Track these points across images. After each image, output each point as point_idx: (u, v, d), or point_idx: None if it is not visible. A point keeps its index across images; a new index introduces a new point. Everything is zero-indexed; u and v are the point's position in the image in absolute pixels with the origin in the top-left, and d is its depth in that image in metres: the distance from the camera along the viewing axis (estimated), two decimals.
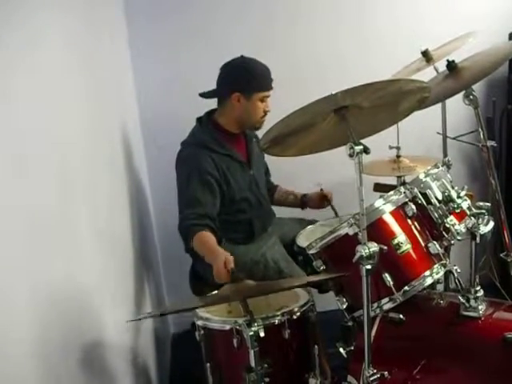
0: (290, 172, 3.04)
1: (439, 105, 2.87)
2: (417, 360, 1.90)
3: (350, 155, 1.64)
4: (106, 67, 2.44)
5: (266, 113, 2.60)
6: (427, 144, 3.36)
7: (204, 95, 2.65)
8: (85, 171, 1.80)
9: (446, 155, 3.07)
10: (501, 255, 2.39)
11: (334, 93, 1.62)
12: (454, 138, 3.22)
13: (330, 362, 2.34)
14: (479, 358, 1.86)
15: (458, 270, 1.99)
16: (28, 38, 1.38)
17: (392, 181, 2.98)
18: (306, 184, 3.02)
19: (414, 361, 1.90)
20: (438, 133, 3.19)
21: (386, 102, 1.79)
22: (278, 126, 1.73)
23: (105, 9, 2.63)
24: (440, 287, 2.40)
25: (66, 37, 1.76)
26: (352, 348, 2.05)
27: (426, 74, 2.50)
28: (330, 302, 2.20)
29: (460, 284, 2.62)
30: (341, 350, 2.06)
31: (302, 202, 2.98)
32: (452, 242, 1.96)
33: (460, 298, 1.96)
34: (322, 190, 2.92)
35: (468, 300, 1.94)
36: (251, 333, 1.64)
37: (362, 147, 1.63)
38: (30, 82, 1.38)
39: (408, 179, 2.94)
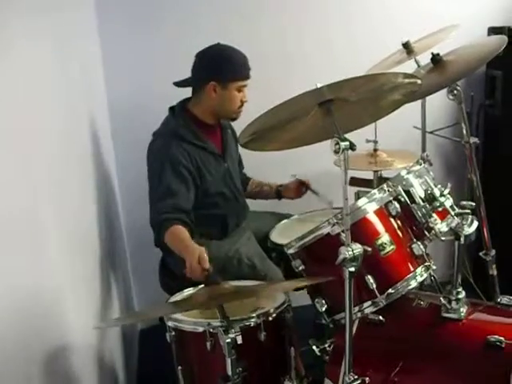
0: (261, 165, 2.92)
1: None
2: (396, 362, 1.85)
3: (336, 151, 1.55)
4: (74, 55, 2.31)
5: (243, 103, 2.50)
6: (403, 138, 3.31)
7: (178, 84, 2.53)
8: (51, 168, 1.69)
9: (424, 150, 3.02)
10: (480, 254, 2.35)
11: (319, 86, 1.53)
12: (431, 133, 3.18)
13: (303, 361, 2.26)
14: (460, 362, 1.82)
15: (434, 267, 1.93)
16: None
17: (368, 175, 2.92)
18: (276, 178, 2.96)
19: (393, 363, 1.85)
20: (415, 127, 3.14)
21: (372, 96, 1.72)
22: (259, 120, 1.65)
23: None
24: None
25: (33, 27, 1.65)
26: (326, 346, 1.99)
27: (405, 67, 2.43)
28: (301, 297, 2.14)
29: (436, 282, 2.61)
30: (314, 347, 1.99)
31: (278, 192, 2.89)
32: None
33: (441, 299, 1.91)
34: (296, 178, 2.84)
35: (449, 301, 1.90)
36: (228, 340, 1.55)
37: (348, 143, 1.54)
38: None
39: (385, 174, 2.91)
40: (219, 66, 2.44)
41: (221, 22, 3.14)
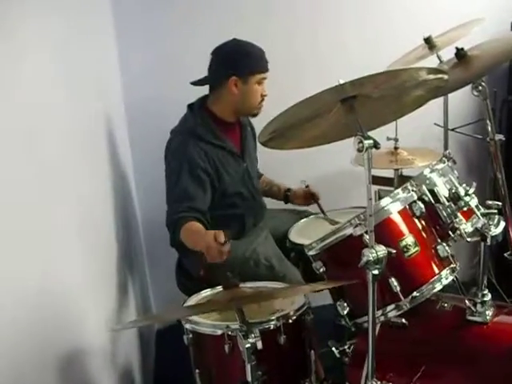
0: (274, 163, 2.87)
1: None
2: (418, 366, 1.80)
3: (359, 150, 1.50)
4: (87, 50, 2.28)
5: (263, 97, 2.46)
6: (423, 136, 3.26)
7: (196, 83, 2.49)
8: (64, 166, 1.66)
9: (446, 148, 2.95)
10: (505, 255, 2.28)
11: (341, 82, 1.48)
12: (452, 130, 3.11)
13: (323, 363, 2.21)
14: (486, 366, 1.77)
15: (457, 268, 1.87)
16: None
17: (388, 174, 2.86)
18: (289, 177, 2.91)
19: (415, 367, 1.80)
20: (437, 124, 3.08)
21: (395, 93, 1.66)
22: (279, 118, 1.60)
23: None
24: None
25: (44, 21, 1.62)
26: (346, 348, 1.94)
27: (427, 63, 2.37)
28: (320, 297, 2.09)
29: (458, 283, 2.55)
30: (333, 349, 1.95)
31: (286, 196, 2.85)
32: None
33: (466, 302, 1.86)
34: (307, 186, 2.78)
35: (475, 304, 1.85)
36: (248, 345, 1.50)
37: (371, 141, 1.49)
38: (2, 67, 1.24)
39: (405, 172, 2.85)
40: (238, 61, 2.40)
41: (237, 20, 3.10)
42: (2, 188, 1.18)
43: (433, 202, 1.81)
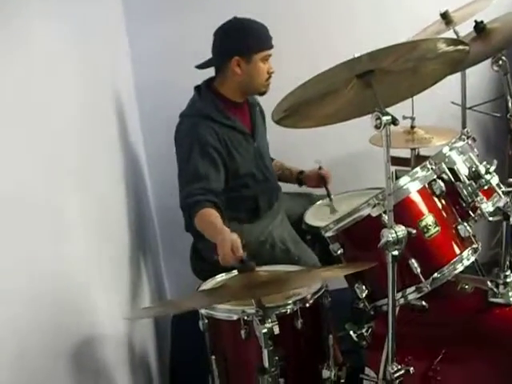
0: (286, 145, 2.84)
1: None
2: (438, 349, 1.76)
3: (377, 126, 1.45)
4: (99, 37, 2.26)
5: (270, 74, 2.40)
6: (440, 114, 3.19)
7: (201, 66, 2.45)
8: (77, 154, 1.63)
9: (464, 126, 2.89)
10: None
11: (357, 55, 1.42)
12: (469, 108, 3.04)
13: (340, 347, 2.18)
14: (508, 349, 1.71)
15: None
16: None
17: (405, 153, 2.80)
18: (301, 160, 2.84)
19: (436, 350, 1.76)
20: (454, 102, 3.01)
21: (413, 67, 1.60)
22: (293, 95, 1.55)
23: None
24: None
25: (56, 8, 1.60)
26: (363, 331, 1.88)
27: None
28: (337, 280, 2.04)
29: (478, 264, 2.50)
30: (351, 333, 1.89)
31: (298, 179, 2.79)
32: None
33: (488, 283, 1.81)
34: (320, 167, 2.70)
35: (497, 286, 1.80)
36: (265, 330, 1.46)
37: (390, 117, 1.44)
38: (15, 54, 1.22)
39: (422, 152, 2.79)
40: (239, 40, 2.36)
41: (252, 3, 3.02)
42: (17, 178, 1.17)
43: (453, 180, 1.76)
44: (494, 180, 1.81)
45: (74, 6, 1.84)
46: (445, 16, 2.45)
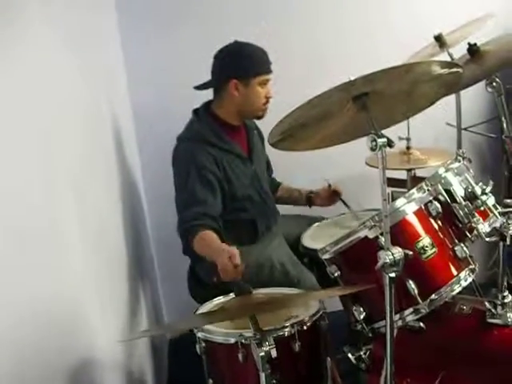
0: (285, 167, 2.84)
1: None
2: (437, 371, 1.75)
3: (372, 149, 1.45)
4: (96, 59, 2.28)
5: (268, 99, 2.42)
6: (436, 135, 3.21)
7: (199, 88, 2.46)
8: (75, 175, 1.64)
9: (460, 147, 2.90)
10: None
11: (352, 78, 1.44)
12: (465, 129, 3.06)
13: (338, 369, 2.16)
14: (507, 370, 1.70)
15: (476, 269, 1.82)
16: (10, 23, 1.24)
17: (401, 175, 2.81)
18: (302, 180, 2.87)
19: (434, 372, 1.75)
20: (449, 123, 3.03)
21: (408, 89, 1.61)
22: (289, 118, 1.56)
23: None
24: None
25: (53, 28, 1.61)
26: (361, 353, 1.89)
27: None
28: (334, 302, 2.04)
29: (475, 285, 2.50)
30: (349, 355, 1.89)
31: (308, 198, 2.79)
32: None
33: (486, 304, 1.80)
34: (329, 185, 2.72)
35: (495, 306, 1.79)
36: (262, 353, 1.46)
37: (385, 140, 1.45)
38: (11, 70, 1.23)
39: (419, 173, 2.80)
40: (238, 63, 2.37)
41: (245, 23, 3.07)
42: (11, 194, 1.16)
43: (449, 201, 1.77)
44: (490, 201, 1.81)
45: (70, 25, 1.85)
46: (439, 38, 2.47)
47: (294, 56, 3.11)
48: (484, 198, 1.79)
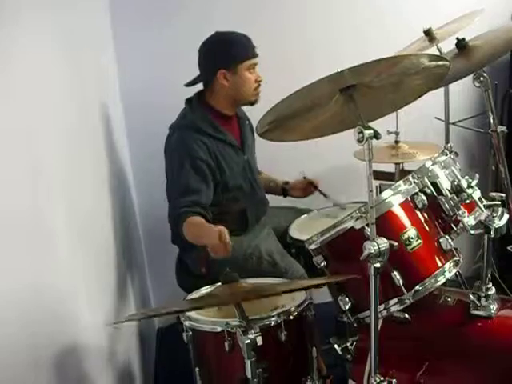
0: (272, 157, 2.84)
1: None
2: (421, 362, 1.77)
3: (359, 140, 1.47)
4: (86, 50, 2.26)
5: (258, 83, 2.42)
6: (424, 130, 3.23)
7: (190, 84, 2.46)
8: (63, 165, 1.64)
9: (448, 141, 2.92)
10: (508, 248, 2.25)
11: (340, 70, 1.45)
12: (453, 124, 3.08)
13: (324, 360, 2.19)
14: (490, 361, 1.73)
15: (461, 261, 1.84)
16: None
17: (389, 168, 2.83)
18: (288, 170, 2.87)
19: (418, 363, 1.77)
20: (437, 118, 3.05)
21: (395, 82, 1.62)
22: (277, 108, 1.56)
23: None
24: None
25: (43, 20, 1.61)
26: (348, 344, 1.91)
27: None
28: (322, 294, 2.05)
29: (461, 277, 2.52)
30: (335, 346, 1.91)
31: (283, 189, 2.81)
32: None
33: (470, 295, 1.82)
34: (304, 177, 2.75)
35: (479, 298, 1.80)
36: (248, 341, 1.47)
37: (372, 132, 1.46)
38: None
39: (407, 167, 2.82)
40: (222, 52, 2.38)
41: (237, 13, 3.06)
42: (2, 188, 1.17)
43: (435, 194, 1.78)
44: (476, 194, 1.82)
45: (60, 18, 1.84)
46: (428, 33, 2.48)
47: (283, 52, 3.09)
48: (470, 191, 1.80)
